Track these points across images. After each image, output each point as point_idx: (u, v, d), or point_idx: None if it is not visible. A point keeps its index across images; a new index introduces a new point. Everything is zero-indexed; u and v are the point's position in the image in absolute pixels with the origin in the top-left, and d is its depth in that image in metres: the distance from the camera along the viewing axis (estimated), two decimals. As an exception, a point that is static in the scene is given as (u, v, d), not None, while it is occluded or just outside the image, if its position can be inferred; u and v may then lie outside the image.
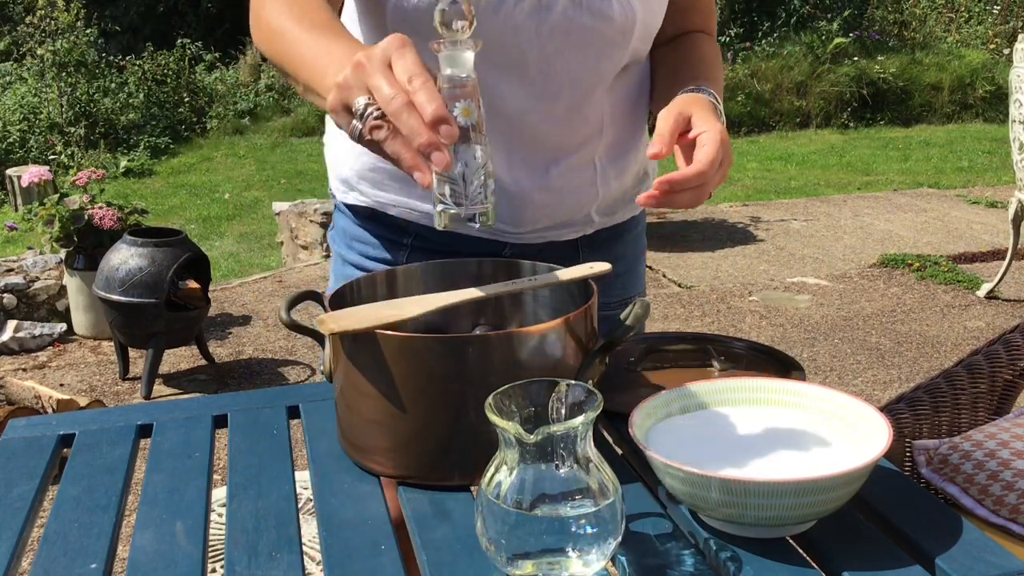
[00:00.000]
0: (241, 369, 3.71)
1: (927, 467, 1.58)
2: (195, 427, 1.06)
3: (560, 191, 1.16)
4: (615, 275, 1.23)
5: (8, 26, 10.09)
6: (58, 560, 0.82)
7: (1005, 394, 1.76)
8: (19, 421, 1.10)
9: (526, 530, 0.71)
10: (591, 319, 0.94)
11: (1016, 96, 3.84)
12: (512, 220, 1.16)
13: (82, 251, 3.77)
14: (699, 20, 1.23)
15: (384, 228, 1.23)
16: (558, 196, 1.16)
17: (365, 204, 1.22)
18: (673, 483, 0.80)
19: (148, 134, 8.55)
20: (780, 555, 0.78)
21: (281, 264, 5.39)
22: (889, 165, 7.53)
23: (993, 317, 4.13)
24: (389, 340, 0.86)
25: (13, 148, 7.86)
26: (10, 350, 3.85)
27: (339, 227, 1.29)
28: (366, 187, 1.20)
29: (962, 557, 0.77)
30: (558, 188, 1.15)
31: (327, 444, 0.99)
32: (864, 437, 0.84)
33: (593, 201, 1.19)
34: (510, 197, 1.14)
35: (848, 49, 9.37)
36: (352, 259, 1.26)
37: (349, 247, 1.27)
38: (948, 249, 5.12)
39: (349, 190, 1.22)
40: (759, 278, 4.72)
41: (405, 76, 0.75)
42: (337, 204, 1.29)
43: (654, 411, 0.89)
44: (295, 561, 0.80)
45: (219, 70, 10.06)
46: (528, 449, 0.71)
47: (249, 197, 7.05)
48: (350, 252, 1.27)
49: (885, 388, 3.44)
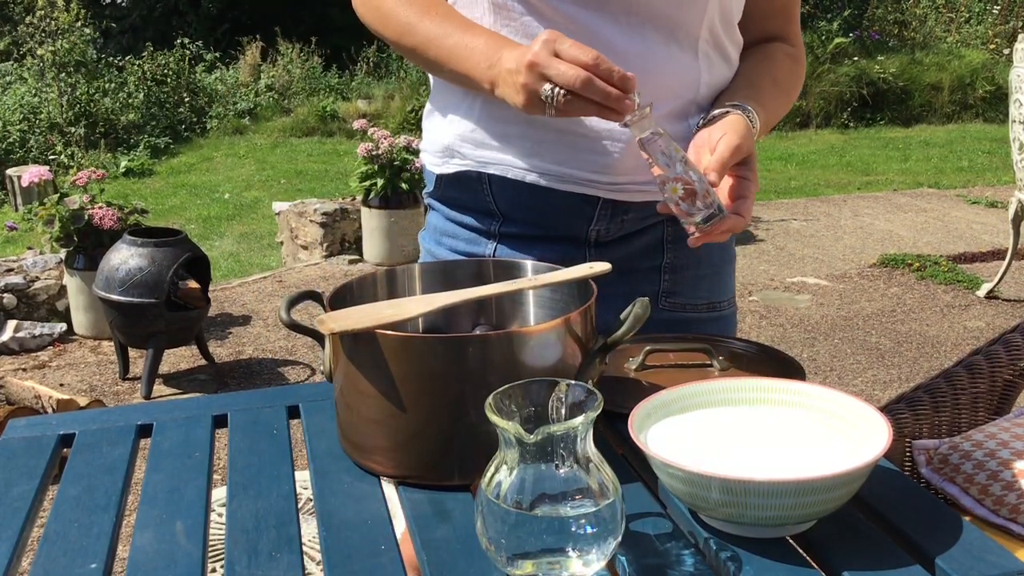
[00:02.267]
0: (241, 369, 3.71)
1: (927, 467, 1.58)
2: (195, 427, 1.06)
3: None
4: (700, 276, 1.25)
5: (8, 26, 10.09)
6: (58, 560, 0.82)
7: (1005, 394, 1.76)
8: (19, 421, 1.10)
9: (526, 530, 0.71)
10: (591, 319, 0.94)
11: (1016, 96, 3.84)
12: (608, 168, 1.14)
13: (82, 251, 3.77)
14: (781, 25, 1.23)
15: (474, 214, 1.24)
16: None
17: (465, 168, 1.21)
18: (673, 483, 0.80)
19: (148, 134, 8.56)
20: (780, 555, 0.78)
21: (281, 264, 5.39)
22: (889, 165, 7.53)
23: (993, 317, 4.13)
24: (389, 340, 0.86)
25: (13, 148, 7.87)
26: (10, 350, 3.86)
27: (431, 225, 1.31)
28: (469, 148, 1.20)
29: (962, 557, 0.76)
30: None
31: (327, 444, 0.99)
32: (864, 437, 0.84)
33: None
34: (605, 143, 1.13)
35: (848, 49, 9.38)
36: (440, 254, 1.28)
37: (439, 243, 1.29)
38: (948, 249, 5.12)
39: (450, 157, 1.23)
40: (759, 278, 4.72)
41: (581, 58, 0.95)
42: (429, 203, 1.31)
43: (654, 411, 0.89)
44: (295, 561, 0.80)
45: (219, 70, 10.06)
46: (528, 449, 0.71)
47: (249, 197, 7.05)
48: (439, 248, 1.29)
49: (885, 388, 3.44)
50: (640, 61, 1.09)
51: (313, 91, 9.71)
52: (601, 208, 1.19)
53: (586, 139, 1.13)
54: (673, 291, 1.26)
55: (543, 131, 1.14)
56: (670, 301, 1.26)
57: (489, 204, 1.23)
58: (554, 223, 1.21)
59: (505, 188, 1.20)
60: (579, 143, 1.14)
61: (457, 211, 1.27)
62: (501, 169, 1.19)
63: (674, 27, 1.11)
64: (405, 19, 1.12)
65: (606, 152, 1.14)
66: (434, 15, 1.10)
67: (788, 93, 1.22)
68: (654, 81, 1.10)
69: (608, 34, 1.09)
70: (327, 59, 10.31)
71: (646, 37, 1.10)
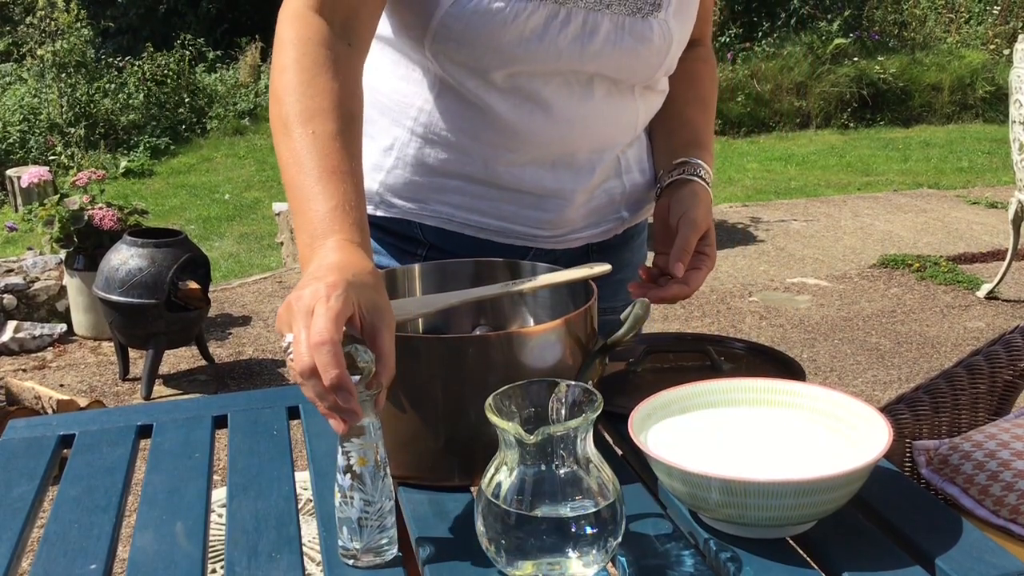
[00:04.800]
0: (241, 369, 3.71)
1: (927, 467, 1.58)
2: (195, 427, 1.06)
3: (596, 189, 1.18)
4: (621, 280, 1.25)
5: (8, 26, 10.09)
6: (58, 560, 0.82)
7: (1005, 394, 1.76)
8: (19, 421, 1.10)
9: (526, 530, 0.71)
10: (591, 319, 0.94)
11: (1016, 96, 3.84)
12: (550, 223, 1.16)
13: (82, 251, 3.77)
14: (700, 27, 1.25)
15: (398, 239, 1.21)
16: (595, 194, 1.18)
17: (397, 217, 1.19)
18: (673, 483, 0.80)
19: (148, 134, 8.55)
20: (780, 555, 0.78)
21: (281, 264, 5.39)
22: (889, 165, 7.53)
23: (993, 317, 4.13)
24: (389, 340, 0.85)
25: (13, 148, 7.86)
26: (10, 350, 3.85)
27: None
28: (401, 201, 1.17)
29: (962, 557, 0.76)
30: (596, 186, 1.17)
31: (327, 444, 0.99)
32: (864, 437, 0.84)
33: (621, 196, 1.21)
34: (552, 200, 1.14)
35: (848, 49, 9.37)
36: None
37: None
38: (948, 249, 5.12)
39: (378, 204, 1.19)
40: (759, 278, 4.72)
41: (316, 338, 0.72)
42: None
43: (654, 411, 0.89)
44: (295, 561, 0.80)
45: (219, 71, 10.06)
46: (528, 449, 0.71)
47: (249, 197, 7.05)
48: None
49: (885, 388, 3.44)
50: (583, 116, 1.11)
51: (313, 91, 9.69)
52: (534, 253, 1.20)
53: (532, 196, 1.14)
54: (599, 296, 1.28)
55: (485, 187, 1.13)
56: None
57: (418, 237, 1.19)
58: (485, 254, 1.18)
59: (439, 232, 1.18)
60: (524, 199, 1.14)
61: (375, 228, 1.20)
62: (438, 221, 1.17)
63: (620, 83, 1.12)
64: (284, 116, 0.93)
65: (551, 209, 1.15)
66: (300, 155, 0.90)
67: (713, 105, 1.28)
68: (596, 135, 1.13)
69: (549, 95, 1.08)
70: (327, 59, 10.29)
71: (592, 93, 1.11)
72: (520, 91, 1.07)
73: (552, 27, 1.03)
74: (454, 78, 1.06)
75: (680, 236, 1.09)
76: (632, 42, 1.07)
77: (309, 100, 0.91)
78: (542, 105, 1.08)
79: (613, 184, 1.19)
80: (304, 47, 0.94)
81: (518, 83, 1.06)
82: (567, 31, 1.04)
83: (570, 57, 1.06)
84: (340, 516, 0.79)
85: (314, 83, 0.92)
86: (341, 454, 0.77)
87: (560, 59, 1.05)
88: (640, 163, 1.22)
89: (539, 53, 1.04)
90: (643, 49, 1.09)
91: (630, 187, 1.21)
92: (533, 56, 1.04)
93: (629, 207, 1.23)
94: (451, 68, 1.06)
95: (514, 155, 1.10)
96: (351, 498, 0.77)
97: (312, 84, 0.92)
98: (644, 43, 1.08)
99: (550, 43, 1.04)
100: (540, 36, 1.03)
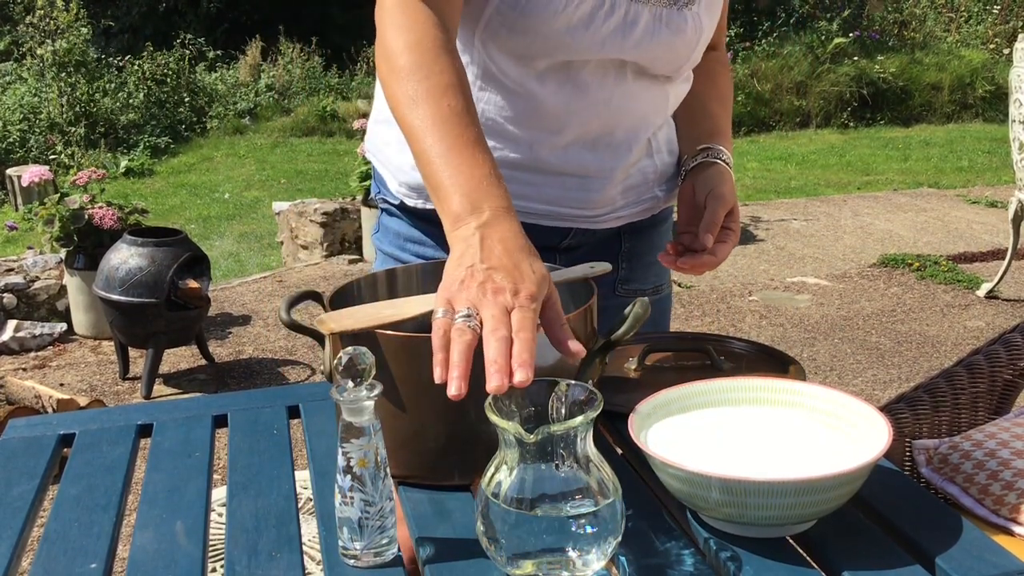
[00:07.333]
0: (241, 369, 3.71)
1: (927, 467, 1.58)
2: (195, 427, 1.06)
3: (632, 167, 1.22)
4: (650, 263, 1.33)
5: (8, 26, 10.09)
6: (58, 560, 0.82)
7: (1005, 394, 1.76)
8: (19, 421, 1.10)
9: (526, 530, 0.71)
10: (591, 319, 0.94)
11: (1016, 96, 3.85)
12: (593, 203, 1.21)
13: (82, 251, 3.77)
14: (715, 35, 1.29)
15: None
16: (631, 172, 1.23)
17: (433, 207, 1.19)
18: (673, 483, 0.80)
19: (148, 134, 8.55)
20: (780, 555, 0.78)
21: (281, 264, 5.39)
22: (889, 165, 7.53)
23: (993, 317, 4.13)
24: (389, 340, 0.86)
25: (13, 148, 7.86)
26: (10, 350, 3.86)
27: (391, 229, 1.29)
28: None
29: (962, 557, 0.77)
30: (632, 164, 1.22)
31: (327, 443, 0.99)
32: (864, 437, 0.84)
33: (654, 175, 1.26)
34: (594, 180, 1.19)
35: (848, 49, 9.38)
36: (406, 259, 1.27)
37: (402, 248, 1.28)
38: (948, 249, 5.12)
39: (419, 196, 1.22)
40: (759, 278, 4.72)
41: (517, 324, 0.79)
42: (388, 208, 1.29)
43: (654, 411, 0.89)
44: (295, 561, 0.80)
45: (219, 70, 10.06)
46: (528, 449, 0.71)
47: (249, 197, 7.05)
48: (403, 253, 1.28)
49: (885, 388, 3.45)
50: (619, 96, 1.16)
51: (313, 91, 9.71)
52: (575, 233, 1.24)
53: (575, 178, 1.18)
54: (629, 278, 1.33)
55: (531, 173, 1.17)
56: (625, 288, 1.33)
57: None
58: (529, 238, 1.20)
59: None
60: (568, 182, 1.18)
61: (424, 222, 1.25)
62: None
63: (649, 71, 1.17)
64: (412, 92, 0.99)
65: (594, 188, 1.20)
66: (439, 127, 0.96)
67: (730, 103, 1.35)
68: (630, 114, 1.18)
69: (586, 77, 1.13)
70: (327, 59, 10.31)
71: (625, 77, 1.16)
72: (559, 75, 1.12)
73: (598, 16, 1.08)
74: (499, 67, 1.11)
75: (709, 210, 1.15)
76: (668, 34, 1.13)
77: (438, 77, 0.98)
78: (580, 87, 1.13)
79: (646, 163, 1.24)
80: (419, 31, 1.01)
81: (558, 69, 1.11)
82: (611, 21, 1.09)
83: (611, 46, 1.10)
84: (340, 516, 0.79)
85: (438, 61, 0.99)
86: (341, 455, 0.77)
87: (603, 48, 1.10)
88: (669, 144, 1.28)
89: (584, 41, 1.09)
90: (676, 40, 1.14)
91: (661, 167, 1.26)
92: (578, 44, 1.09)
93: (661, 186, 1.28)
94: (498, 57, 1.11)
95: (558, 137, 1.15)
96: (351, 499, 0.78)
97: (436, 62, 0.99)
98: (679, 35, 1.14)
99: (595, 31, 1.09)
100: (587, 24, 1.08)
